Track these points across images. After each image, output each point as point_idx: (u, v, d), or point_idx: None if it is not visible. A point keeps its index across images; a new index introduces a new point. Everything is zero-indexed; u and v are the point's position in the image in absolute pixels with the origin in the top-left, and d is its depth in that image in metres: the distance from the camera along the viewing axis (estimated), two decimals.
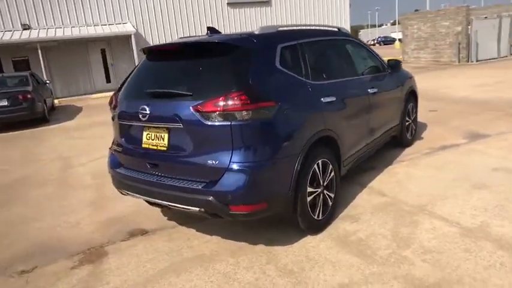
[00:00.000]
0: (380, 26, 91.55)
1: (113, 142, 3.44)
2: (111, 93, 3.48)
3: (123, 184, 3.21)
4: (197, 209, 2.70)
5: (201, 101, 2.60)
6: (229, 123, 2.54)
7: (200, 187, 2.65)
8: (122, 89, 3.28)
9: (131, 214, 3.99)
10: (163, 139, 2.85)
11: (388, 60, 4.70)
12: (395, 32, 58.64)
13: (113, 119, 3.39)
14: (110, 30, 17.71)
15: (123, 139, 3.19)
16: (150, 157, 2.95)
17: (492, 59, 17.58)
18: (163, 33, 19.32)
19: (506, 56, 17.88)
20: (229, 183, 2.56)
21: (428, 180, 4.05)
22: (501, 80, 10.65)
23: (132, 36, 17.42)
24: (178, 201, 2.79)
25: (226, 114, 2.53)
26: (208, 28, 3.51)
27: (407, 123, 5.17)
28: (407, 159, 4.83)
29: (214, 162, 2.61)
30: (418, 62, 19.55)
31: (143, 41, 18.75)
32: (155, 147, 2.90)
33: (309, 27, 3.79)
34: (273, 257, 2.89)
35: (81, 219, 4.00)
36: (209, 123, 2.58)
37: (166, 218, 3.82)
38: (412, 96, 5.30)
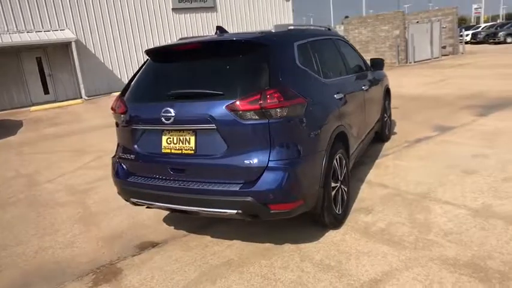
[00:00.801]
0: None
1: (117, 150, 3.21)
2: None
3: (137, 193, 3.01)
4: (234, 211, 2.62)
5: (234, 100, 2.54)
6: (267, 121, 2.51)
7: (237, 188, 2.57)
8: (129, 92, 3.08)
9: (130, 228, 3.74)
10: (188, 142, 2.72)
11: (371, 59, 4.95)
12: None
13: (117, 125, 3.16)
14: (47, 37, 16.44)
15: (135, 145, 2.99)
16: (173, 162, 2.80)
17: (427, 59, 19.22)
18: (105, 39, 18.38)
19: (438, 57, 19.65)
20: (270, 182, 2.52)
21: (420, 170, 4.32)
22: (442, 79, 11.69)
23: (73, 44, 16.34)
24: (212, 206, 2.68)
25: (263, 112, 2.50)
26: (218, 27, 3.43)
27: (384, 119, 5.48)
28: (391, 152, 5.11)
29: (251, 161, 2.55)
30: None
31: (84, 48, 17.70)
32: (179, 151, 2.77)
33: (306, 27, 3.86)
34: (305, 255, 2.89)
35: (73, 238, 3.66)
36: (246, 122, 2.52)
37: (172, 227, 3.64)
38: (387, 93, 5.64)
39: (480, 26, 34.23)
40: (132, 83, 3.13)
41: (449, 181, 3.90)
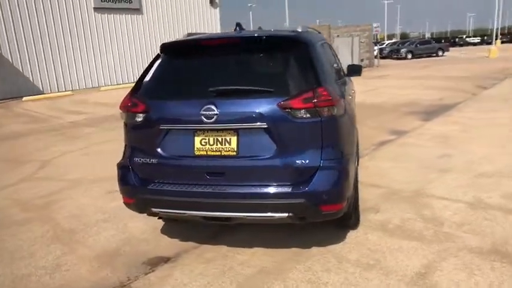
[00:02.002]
0: None
1: (127, 154, 2.83)
2: None
3: (161, 202, 2.68)
4: (285, 214, 2.48)
5: (287, 97, 2.43)
6: (319, 119, 2.45)
7: (290, 190, 2.45)
8: (147, 89, 2.75)
9: (125, 244, 3.32)
10: (229, 143, 2.52)
11: (349, 65, 5.16)
12: None
13: (128, 125, 2.80)
14: None
15: (159, 148, 2.67)
16: (209, 166, 2.56)
17: None
18: (14, 39, 16.25)
19: None
20: (324, 182, 2.46)
21: (401, 171, 4.62)
22: (372, 88, 12.72)
23: None
24: (260, 210, 2.51)
25: (316, 110, 2.43)
26: (237, 24, 3.24)
27: None
28: (364, 154, 5.38)
29: (303, 161, 2.46)
30: None
31: None
32: (218, 153, 2.54)
33: None
34: (338, 256, 2.87)
35: (58, 261, 3.12)
36: (298, 120, 2.43)
37: (176, 239, 3.32)
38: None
39: (385, 43, 38.35)
40: (148, 79, 2.80)
41: (434, 179, 4.25)
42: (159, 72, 2.79)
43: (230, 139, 2.52)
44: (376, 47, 30.02)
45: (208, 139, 2.56)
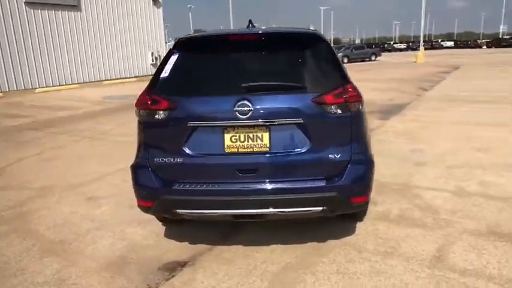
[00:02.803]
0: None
1: (145, 154, 2.68)
2: None
3: (188, 203, 2.57)
4: (319, 208, 2.53)
5: (320, 93, 2.48)
6: (349, 114, 2.54)
7: (324, 184, 2.50)
8: (168, 86, 2.62)
9: (130, 251, 3.13)
10: (261, 139, 2.50)
11: None
12: None
13: (145, 124, 2.64)
14: None
15: (185, 147, 2.56)
16: (241, 163, 2.52)
17: None
18: None
19: None
20: (356, 175, 2.55)
21: (381, 165, 4.87)
22: None
23: None
24: (294, 205, 2.52)
25: (346, 105, 2.52)
26: (250, 21, 3.19)
27: None
28: None
29: (336, 155, 2.53)
30: None
31: None
32: (249, 150, 2.51)
33: None
34: (356, 246, 2.98)
35: (60, 275, 2.84)
36: (331, 115, 2.50)
37: (186, 242, 3.21)
38: None
39: None
40: (166, 75, 2.67)
41: (414, 172, 4.57)
42: (179, 68, 2.67)
43: (262, 135, 2.51)
44: None
45: (239, 136, 2.52)
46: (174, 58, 2.73)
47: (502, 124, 6.93)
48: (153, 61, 23.76)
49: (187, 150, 2.56)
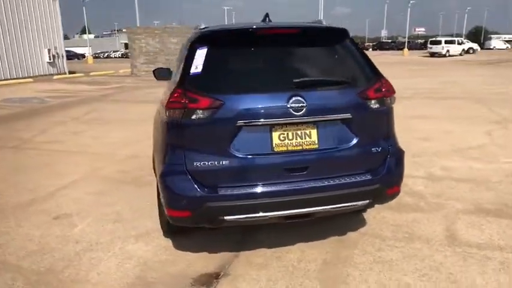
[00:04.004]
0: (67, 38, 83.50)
1: (180, 159, 2.40)
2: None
3: (235, 209, 2.39)
4: (366, 201, 2.58)
5: (363, 88, 2.53)
6: (385, 107, 2.64)
7: (370, 177, 2.55)
8: (205, 83, 2.39)
9: (147, 270, 2.79)
10: (309, 136, 2.45)
11: None
12: (85, 46, 56.73)
13: (181, 125, 2.38)
14: None
15: (231, 148, 2.36)
16: (291, 161, 2.43)
17: None
18: None
19: None
20: (394, 167, 2.67)
21: None
22: None
23: None
24: (344, 200, 2.52)
25: (383, 99, 2.61)
26: (267, 14, 3.03)
27: None
28: None
29: (378, 149, 2.61)
30: (151, 75, 20.56)
31: None
32: (298, 148, 2.43)
33: None
34: (378, 236, 3.12)
35: None
36: (373, 109, 2.57)
37: (204, 253, 2.98)
38: None
39: None
40: (199, 71, 2.42)
41: None
42: (214, 63, 2.45)
43: (310, 132, 2.46)
44: None
45: (287, 134, 2.43)
46: (202, 53, 2.50)
47: (433, 116, 7.89)
48: (50, 59, 21.32)
49: (234, 152, 2.38)
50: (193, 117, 2.34)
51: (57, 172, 5.01)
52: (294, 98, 2.36)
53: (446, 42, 37.42)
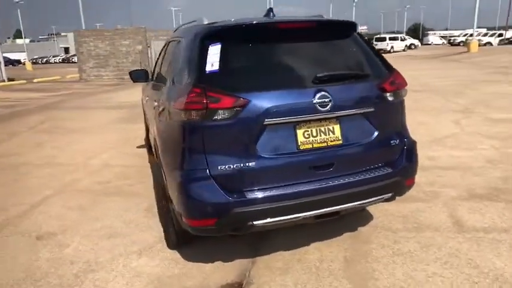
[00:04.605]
0: None
1: (207, 163, 2.24)
2: None
3: (265, 213, 2.26)
4: (389, 195, 2.57)
5: (380, 81, 2.52)
6: (399, 100, 2.65)
7: (391, 170, 2.54)
8: (225, 81, 2.23)
9: (165, 286, 2.58)
10: (333, 132, 2.39)
11: None
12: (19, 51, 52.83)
13: (201, 126, 2.21)
14: None
15: (257, 148, 2.24)
16: (317, 159, 2.35)
17: None
18: None
19: None
20: (409, 158, 2.68)
21: None
22: None
23: None
24: (369, 196, 2.50)
25: (397, 93, 2.61)
26: (271, 9, 2.88)
27: None
28: None
29: (395, 141, 2.61)
30: (101, 80, 19.61)
31: None
32: (323, 144, 2.36)
33: None
34: (389, 228, 3.13)
35: None
36: (390, 102, 2.57)
37: (219, 261, 2.82)
38: None
39: None
40: (215, 69, 2.25)
41: None
42: (230, 60, 2.30)
43: (333, 127, 2.39)
44: None
45: (311, 130, 2.34)
46: (216, 49, 2.34)
47: (410, 108, 8.18)
48: None
49: (260, 152, 2.25)
50: (216, 117, 2.19)
51: (25, 188, 4.54)
52: (319, 93, 2.29)
53: (390, 39, 39.58)
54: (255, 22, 2.48)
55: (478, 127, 6.26)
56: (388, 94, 2.55)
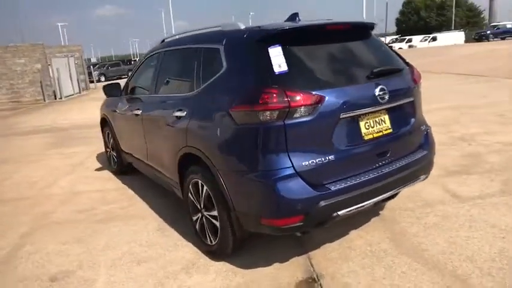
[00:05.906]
0: None
1: (291, 160, 2.29)
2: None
3: (346, 202, 2.41)
4: (425, 175, 2.93)
5: (410, 73, 2.89)
6: (420, 89, 3.04)
7: (425, 152, 2.89)
8: (297, 79, 2.33)
9: None
10: (384, 122, 2.65)
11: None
12: None
13: (281, 125, 2.25)
14: None
15: (334, 142, 2.38)
16: (378, 147, 2.60)
17: (72, 95, 18.88)
18: None
19: (79, 93, 19.79)
20: (432, 141, 3.07)
21: None
22: None
23: None
24: (414, 178, 2.81)
25: (420, 83, 3.01)
26: (296, 14, 2.98)
27: None
28: None
29: (423, 126, 3.01)
30: None
31: None
32: (380, 134, 2.61)
33: None
34: (406, 208, 3.47)
35: None
36: (418, 92, 2.95)
37: (276, 263, 2.84)
38: None
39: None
40: (283, 69, 2.31)
41: None
42: (295, 60, 2.40)
43: (384, 118, 2.65)
44: (92, 69, 28.56)
45: (370, 122, 2.57)
46: (277, 51, 2.39)
47: None
48: None
49: (336, 145, 2.39)
50: (297, 115, 2.25)
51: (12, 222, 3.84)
52: (379, 87, 2.53)
53: None
54: (305, 24, 2.62)
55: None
56: (417, 85, 2.93)
